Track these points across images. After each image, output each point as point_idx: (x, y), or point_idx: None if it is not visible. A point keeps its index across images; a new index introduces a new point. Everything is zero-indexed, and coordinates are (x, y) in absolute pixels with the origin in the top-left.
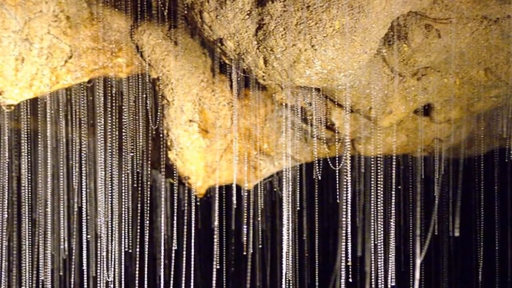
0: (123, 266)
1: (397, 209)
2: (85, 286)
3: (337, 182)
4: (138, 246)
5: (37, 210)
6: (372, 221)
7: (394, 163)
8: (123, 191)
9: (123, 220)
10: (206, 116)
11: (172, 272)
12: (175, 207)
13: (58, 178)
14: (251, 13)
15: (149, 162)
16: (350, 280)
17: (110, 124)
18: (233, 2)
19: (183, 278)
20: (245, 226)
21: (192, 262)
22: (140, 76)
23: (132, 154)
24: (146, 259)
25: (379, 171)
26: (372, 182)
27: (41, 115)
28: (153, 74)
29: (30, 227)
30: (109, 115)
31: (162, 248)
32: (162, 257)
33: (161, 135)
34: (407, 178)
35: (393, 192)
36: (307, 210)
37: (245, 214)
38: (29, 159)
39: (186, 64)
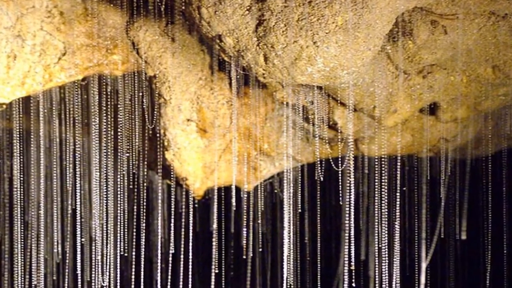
0: (118, 270)
1: (402, 211)
2: None
3: (340, 183)
4: (134, 249)
5: (29, 212)
6: (376, 223)
7: (398, 163)
8: (119, 192)
9: (118, 223)
10: (204, 115)
11: (169, 277)
12: (173, 209)
13: (52, 179)
14: (251, 9)
15: (146, 162)
16: (354, 284)
17: (105, 124)
18: None
19: (181, 283)
20: (244, 229)
21: (190, 266)
22: (136, 74)
23: (128, 154)
24: (143, 263)
25: (383, 172)
26: (376, 183)
27: (34, 114)
28: (150, 71)
29: (22, 230)
30: (104, 114)
31: (159, 251)
32: (159, 260)
33: (158, 135)
34: (412, 179)
35: (397, 194)
36: (309, 212)
37: (245, 216)
38: (21, 160)
39: (183, 62)
